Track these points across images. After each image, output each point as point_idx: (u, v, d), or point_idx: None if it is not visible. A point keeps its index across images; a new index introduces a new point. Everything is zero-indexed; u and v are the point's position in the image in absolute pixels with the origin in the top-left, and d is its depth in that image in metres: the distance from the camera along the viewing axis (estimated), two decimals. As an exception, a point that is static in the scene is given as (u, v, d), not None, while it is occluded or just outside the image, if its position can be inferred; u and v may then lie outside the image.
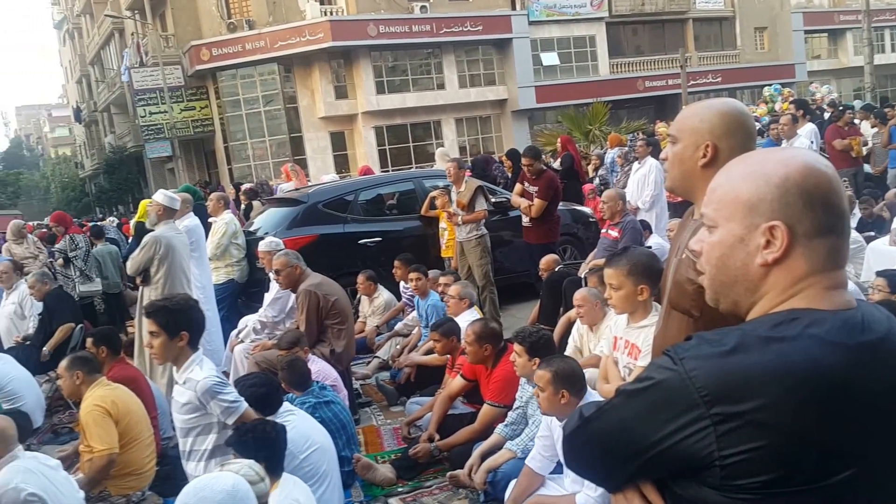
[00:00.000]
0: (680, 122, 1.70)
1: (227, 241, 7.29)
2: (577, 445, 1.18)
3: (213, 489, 2.26)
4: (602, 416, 1.13)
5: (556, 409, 3.01)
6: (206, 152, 31.42)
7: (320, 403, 4.15)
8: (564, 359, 3.22)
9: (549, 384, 3.00)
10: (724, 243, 1.13)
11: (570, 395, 2.98)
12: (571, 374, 3.04)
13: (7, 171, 56.28)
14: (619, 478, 1.13)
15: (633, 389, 1.08)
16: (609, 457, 1.12)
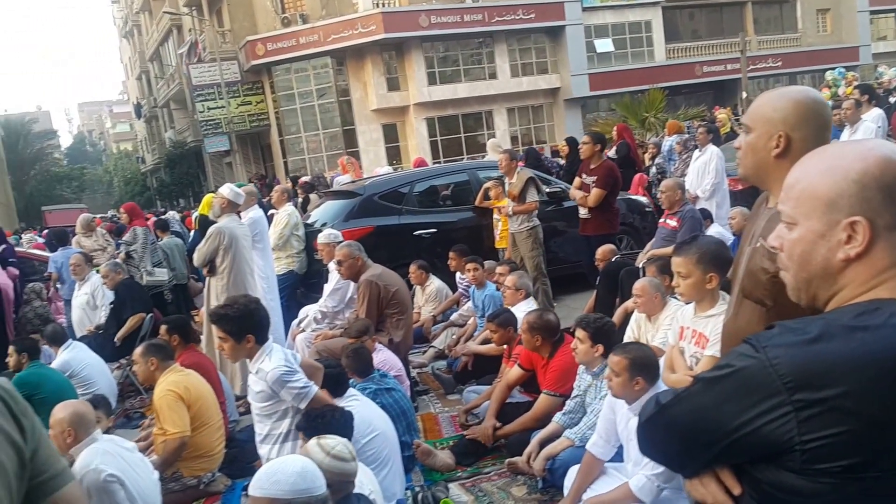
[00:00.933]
0: (753, 112, 1.70)
1: (289, 232, 7.50)
2: (653, 432, 1.21)
3: (284, 472, 2.36)
4: (680, 403, 1.16)
5: (628, 393, 3.03)
6: (262, 146, 32.05)
7: (381, 390, 4.25)
8: (641, 346, 3.24)
9: (624, 370, 3.02)
10: (804, 240, 1.15)
11: (644, 382, 3.00)
12: (648, 362, 3.06)
13: (71, 167, 58.16)
14: (697, 463, 1.16)
15: (712, 377, 1.11)
16: (687, 443, 1.15)
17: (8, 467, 1.11)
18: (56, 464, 1.21)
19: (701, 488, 1.15)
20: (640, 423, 1.25)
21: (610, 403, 3.28)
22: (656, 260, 5.10)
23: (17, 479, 1.13)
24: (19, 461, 1.14)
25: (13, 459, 1.12)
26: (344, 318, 5.84)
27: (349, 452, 2.78)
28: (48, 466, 1.19)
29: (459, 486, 4.01)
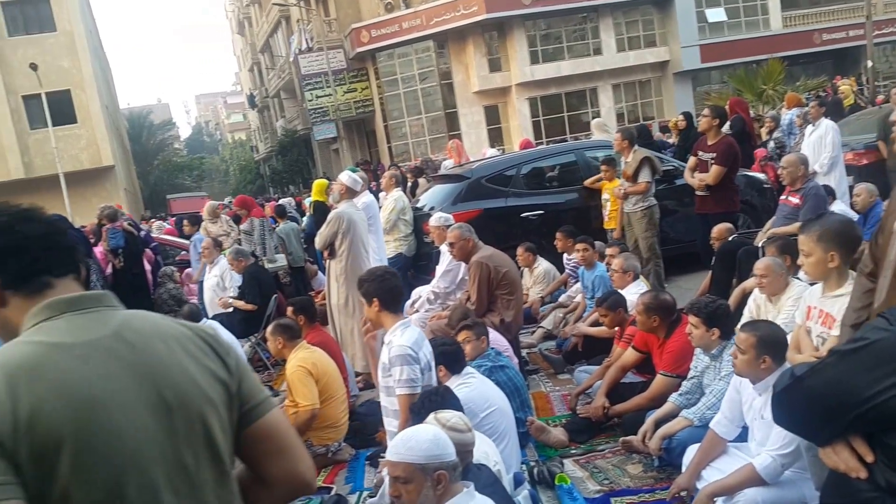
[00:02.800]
0: None
1: (396, 216, 7.74)
2: (788, 402, 1.28)
3: (418, 439, 2.55)
4: (816, 375, 1.22)
5: (754, 372, 3.02)
6: (367, 132, 32.85)
7: (496, 367, 4.39)
8: (770, 324, 3.21)
9: (752, 348, 3.01)
10: None
11: (771, 361, 2.98)
12: (776, 341, 3.03)
13: (191, 156, 61.01)
14: (831, 432, 1.22)
15: (847, 349, 1.17)
16: (822, 412, 1.21)
17: (217, 401, 1.30)
18: (259, 394, 1.39)
19: (834, 456, 1.20)
20: (775, 394, 1.31)
21: (735, 384, 3.27)
22: (776, 239, 4.96)
23: (226, 409, 1.31)
24: (227, 394, 1.32)
25: (221, 394, 1.31)
26: (455, 299, 6.01)
27: (465, 424, 2.93)
28: (252, 396, 1.37)
29: (574, 463, 4.11)
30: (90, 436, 1.13)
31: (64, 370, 1.15)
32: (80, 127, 26.78)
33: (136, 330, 1.28)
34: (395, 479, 2.52)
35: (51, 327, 1.22)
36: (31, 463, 1.09)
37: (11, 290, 1.29)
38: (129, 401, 1.19)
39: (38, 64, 23.02)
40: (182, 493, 1.22)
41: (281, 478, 1.38)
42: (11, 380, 1.11)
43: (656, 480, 3.79)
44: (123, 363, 1.21)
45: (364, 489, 4.20)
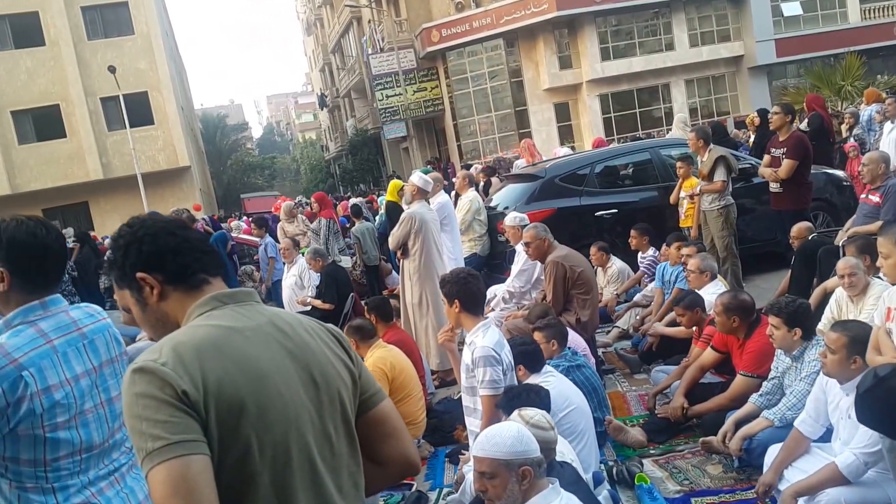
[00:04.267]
0: None
1: (472, 217, 7.84)
2: (872, 402, 1.32)
3: (503, 435, 2.64)
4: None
5: (843, 372, 2.99)
6: (437, 130, 33.07)
7: (573, 367, 4.43)
8: (860, 324, 3.17)
9: (843, 348, 2.98)
10: None
11: (862, 361, 2.94)
12: (867, 341, 3.00)
13: (263, 156, 62.36)
14: None
15: None
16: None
17: (348, 384, 1.51)
18: (374, 386, 1.59)
19: None
20: (859, 395, 1.35)
21: (820, 383, 3.24)
22: (856, 238, 4.85)
23: (352, 395, 1.52)
24: (353, 381, 1.53)
25: (349, 379, 1.51)
26: (531, 298, 6.08)
27: (547, 422, 3.00)
28: (370, 385, 1.58)
29: (653, 463, 4.12)
30: (264, 401, 1.32)
31: (239, 348, 1.35)
32: (157, 128, 27.73)
33: (284, 320, 1.48)
34: (482, 475, 2.62)
35: (219, 315, 1.42)
36: (217, 425, 1.27)
37: (172, 285, 1.47)
38: (288, 376, 1.39)
39: (117, 66, 23.82)
40: (326, 458, 1.42)
41: (392, 458, 1.57)
42: (199, 354, 1.30)
43: (737, 481, 3.78)
44: (280, 345, 1.41)
45: (444, 486, 4.30)
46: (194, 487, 1.21)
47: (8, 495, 1.89)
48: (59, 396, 1.89)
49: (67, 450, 1.91)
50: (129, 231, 1.50)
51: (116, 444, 2.07)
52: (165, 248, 1.46)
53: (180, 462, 1.21)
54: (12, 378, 1.81)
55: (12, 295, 1.95)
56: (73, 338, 1.99)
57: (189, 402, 1.25)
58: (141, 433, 1.24)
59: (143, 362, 1.29)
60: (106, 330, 2.11)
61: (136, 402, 1.26)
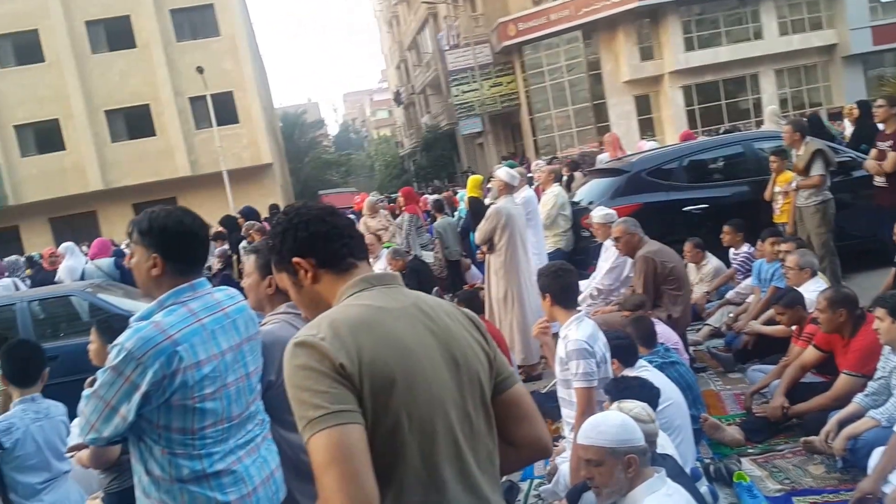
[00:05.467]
0: None
1: (556, 212, 7.81)
2: None
3: (607, 424, 2.68)
4: None
5: None
6: (512, 125, 32.95)
7: (666, 363, 4.38)
8: None
9: None
10: None
11: None
12: None
13: (339, 153, 63.39)
14: None
15: None
16: None
17: (485, 366, 1.57)
18: (507, 369, 1.64)
19: None
20: None
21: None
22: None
23: (488, 376, 1.57)
24: (489, 363, 1.58)
25: (485, 362, 1.57)
26: (619, 295, 6.02)
27: (648, 415, 3.00)
28: (504, 369, 1.63)
29: (751, 462, 4.04)
30: (412, 378, 1.40)
31: (389, 326, 1.44)
32: (242, 127, 28.58)
33: (426, 303, 1.56)
34: (587, 462, 2.66)
35: (369, 295, 1.51)
36: (371, 397, 1.35)
37: (324, 268, 1.59)
38: (432, 355, 1.46)
39: (203, 67, 24.69)
40: (467, 435, 1.47)
41: (526, 440, 1.62)
42: (354, 330, 1.39)
43: (840, 481, 3.68)
44: (424, 326, 1.49)
45: (535, 477, 4.32)
46: (351, 454, 1.29)
47: (160, 460, 2.06)
48: (208, 370, 2.06)
49: (212, 419, 2.08)
50: (285, 219, 1.63)
51: (251, 415, 2.24)
52: (317, 234, 1.58)
53: (339, 430, 1.29)
54: (168, 353, 1.98)
55: (165, 278, 2.13)
56: (218, 317, 2.16)
57: (345, 375, 1.33)
58: (302, 402, 1.33)
59: (303, 337, 1.38)
60: (245, 310, 2.29)
61: (297, 373, 1.35)
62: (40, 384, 3.48)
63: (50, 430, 3.42)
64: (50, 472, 3.40)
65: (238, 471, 2.12)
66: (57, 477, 3.43)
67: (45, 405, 3.46)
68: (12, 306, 7.06)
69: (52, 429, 3.44)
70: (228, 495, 2.08)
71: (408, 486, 1.38)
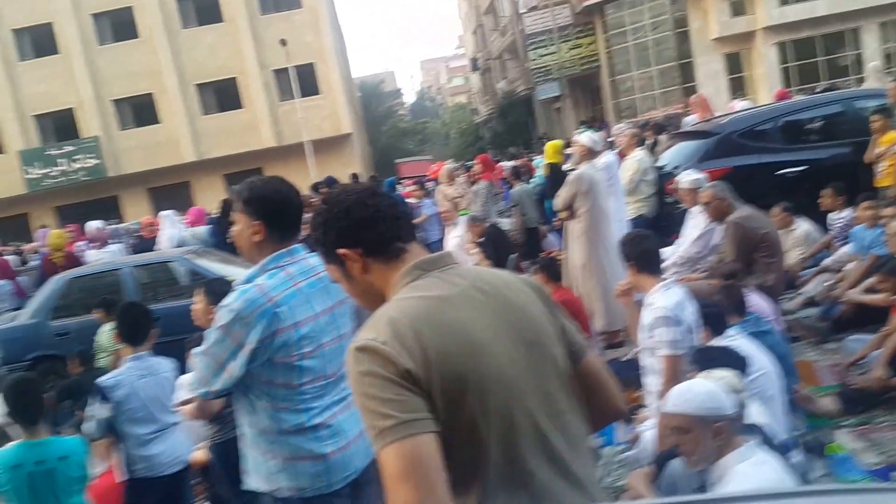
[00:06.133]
0: None
1: (639, 177, 7.64)
2: None
3: (694, 392, 2.66)
4: None
5: None
6: (592, 88, 32.21)
7: (757, 333, 4.26)
8: None
9: None
10: None
11: None
12: None
13: (415, 122, 63.54)
14: None
15: None
16: None
17: (556, 339, 1.49)
18: (579, 336, 1.58)
19: None
20: None
21: None
22: None
23: (562, 349, 1.50)
24: (560, 335, 1.51)
25: (555, 334, 1.50)
26: (707, 263, 5.87)
27: (737, 384, 2.95)
28: (575, 338, 1.55)
29: (847, 434, 3.92)
30: (483, 371, 1.33)
31: (450, 318, 1.35)
32: (323, 98, 29.01)
33: (486, 281, 1.47)
34: (674, 430, 2.65)
35: (424, 285, 1.42)
36: (442, 397, 1.29)
37: (372, 257, 1.49)
38: (503, 340, 1.38)
39: (287, 39, 25.22)
40: (550, 417, 1.41)
41: (601, 408, 1.57)
42: (415, 329, 1.32)
43: (946, 459, 3.52)
44: (488, 309, 1.40)
45: (617, 444, 4.32)
46: (425, 467, 1.23)
47: (264, 413, 2.22)
48: (306, 330, 2.19)
49: (311, 376, 2.21)
50: (325, 209, 1.54)
51: (345, 375, 2.33)
52: (359, 221, 1.48)
53: (410, 442, 1.24)
54: (270, 314, 2.12)
55: (265, 244, 2.24)
56: (313, 281, 2.27)
57: (413, 379, 1.27)
58: (371, 411, 1.27)
59: (363, 341, 1.32)
60: None
61: (362, 380, 1.29)
62: (149, 343, 3.71)
63: (156, 386, 3.66)
64: (157, 425, 3.64)
65: (334, 425, 2.26)
66: (165, 428, 3.68)
67: (151, 362, 3.70)
68: (118, 271, 7.56)
69: (158, 384, 3.69)
70: (326, 447, 2.23)
71: (491, 485, 1.32)
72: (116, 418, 3.55)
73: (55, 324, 7.39)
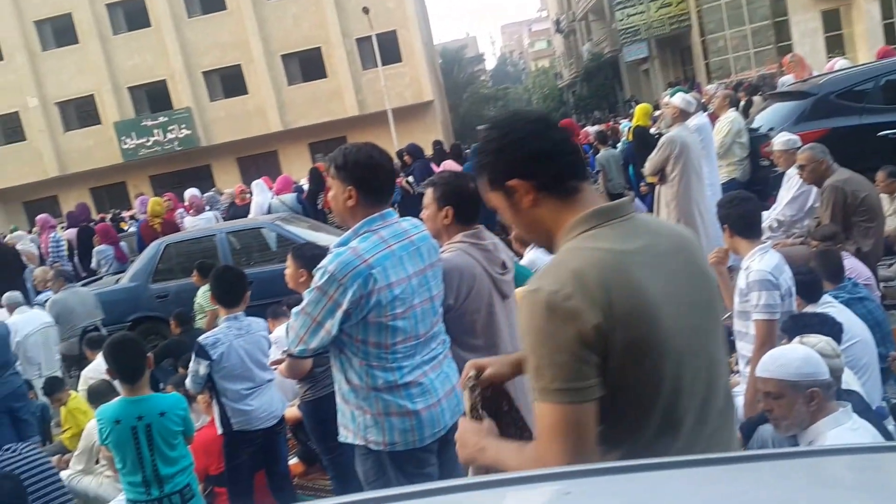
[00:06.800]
0: None
1: (731, 139, 7.39)
2: None
3: (789, 357, 2.62)
4: None
5: None
6: (682, 49, 31.04)
7: (853, 299, 4.11)
8: None
9: None
10: None
11: None
12: None
13: (496, 87, 62.93)
14: None
15: None
16: None
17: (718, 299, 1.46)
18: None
19: None
20: None
21: None
22: None
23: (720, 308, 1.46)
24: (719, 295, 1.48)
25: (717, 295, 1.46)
26: (802, 227, 5.67)
27: (832, 350, 2.87)
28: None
29: (949, 405, 3.75)
30: (662, 335, 1.27)
31: (636, 277, 1.28)
32: (405, 65, 29.08)
33: (665, 236, 1.40)
34: (766, 395, 2.62)
35: (606, 235, 1.34)
36: (619, 357, 1.24)
37: (544, 192, 1.40)
38: (679, 300, 1.32)
39: (369, 7, 25.34)
40: (710, 382, 1.37)
41: None
42: (603, 283, 1.25)
43: None
44: (666, 268, 1.34)
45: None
46: (581, 433, 1.23)
47: (358, 370, 2.33)
48: (398, 291, 2.27)
49: (402, 336, 2.31)
50: (497, 135, 1.45)
51: (435, 335, 2.45)
52: (536, 153, 1.40)
53: (573, 409, 1.23)
54: (364, 275, 2.21)
55: (359, 209, 2.33)
56: (405, 244, 2.35)
57: (596, 337, 1.23)
58: (539, 365, 1.25)
59: (546, 294, 1.25)
60: (427, 239, 2.47)
61: (537, 334, 1.26)
62: (243, 304, 3.89)
63: (251, 344, 3.84)
64: (253, 382, 3.82)
65: (425, 383, 2.35)
66: (261, 385, 3.86)
67: (246, 322, 3.87)
68: (213, 237, 7.91)
69: (254, 343, 3.86)
70: (417, 404, 2.33)
71: (642, 444, 1.30)
72: (215, 375, 3.74)
73: (155, 286, 7.77)
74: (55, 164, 29.18)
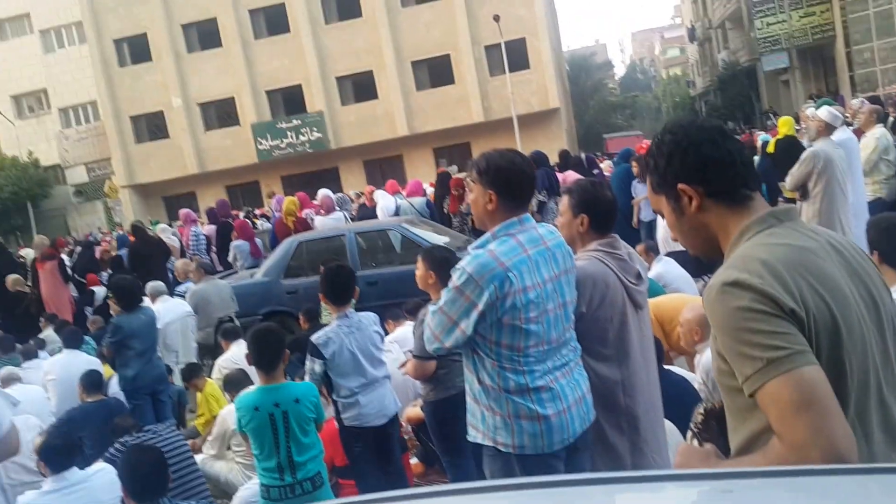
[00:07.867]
0: None
1: (877, 156, 6.99)
2: None
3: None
4: None
5: None
6: (824, 60, 29.25)
7: None
8: None
9: None
10: None
11: None
12: None
13: (624, 95, 61.61)
14: None
15: None
16: None
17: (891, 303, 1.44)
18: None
19: None
20: None
21: None
22: None
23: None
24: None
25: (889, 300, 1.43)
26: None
27: None
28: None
29: None
30: (850, 324, 1.31)
31: (818, 267, 1.32)
32: (532, 72, 28.96)
33: (837, 240, 1.43)
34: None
35: (782, 233, 1.38)
36: (815, 345, 1.26)
37: (713, 198, 1.44)
38: (858, 297, 1.36)
39: (500, 15, 25.45)
40: (885, 379, 1.36)
41: None
42: (791, 272, 1.29)
43: None
44: (843, 265, 1.37)
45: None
46: (824, 393, 1.21)
47: (490, 371, 2.38)
48: (533, 296, 2.31)
49: (535, 340, 2.34)
50: (672, 139, 1.47)
51: (566, 341, 2.46)
52: (709, 160, 1.42)
53: (808, 370, 1.21)
54: (501, 277, 2.26)
55: (498, 213, 2.39)
56: (541, 250, 2.39)
57: (795, 319, 1.24)
58: (755, 344, 1.24)
59: (739, 276, 1.29)
60: (562, 245, 2.50)
61: (741, 315, 1.26)
62: (352, 301, 3.97)
63: (363, 340, 3.89)
64: (366, 378, 3.86)
65: (555, 389, 2.37)
66: (373, 382, 3.89)
67: (356, 318, 3.93)
68: (342, 236, 8.22)
69: (366, 338, 3.91)
70: (547, 409, 2.34)
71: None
72: (330, 372, 3.82)
73: (286, 282, 8.07)
74: (195, 161, 31.02)
